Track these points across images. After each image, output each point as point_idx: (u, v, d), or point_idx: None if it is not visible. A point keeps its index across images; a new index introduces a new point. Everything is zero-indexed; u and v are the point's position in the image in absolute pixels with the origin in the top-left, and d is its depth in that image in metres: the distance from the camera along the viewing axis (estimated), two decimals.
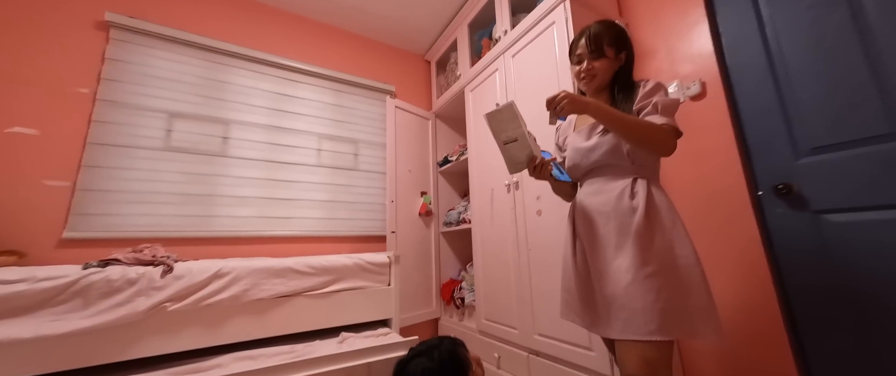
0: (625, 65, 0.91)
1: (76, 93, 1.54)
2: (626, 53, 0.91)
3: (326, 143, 2.14)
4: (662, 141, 0.78)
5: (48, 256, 1.38)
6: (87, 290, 0.83)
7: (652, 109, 0.81)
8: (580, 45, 0.91)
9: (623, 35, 0.91)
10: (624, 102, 0.87)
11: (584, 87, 0.93)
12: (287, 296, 1.11)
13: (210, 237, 1.71)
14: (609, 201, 0.83)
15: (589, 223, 0.87)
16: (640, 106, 0.83)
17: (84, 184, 1.49)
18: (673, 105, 0.81)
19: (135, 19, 1.69)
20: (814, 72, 1.02)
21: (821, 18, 1.01)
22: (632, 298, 0.73)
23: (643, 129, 0.77)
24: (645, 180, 0.83)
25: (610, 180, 0.86)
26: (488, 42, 2.02)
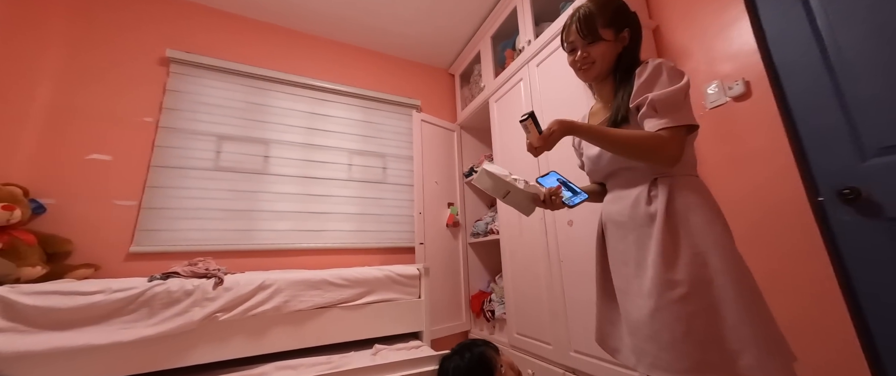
0: (629, 45, 0.78)
1: (142, 122, 1.74)
2: (629, 31, 0.77)
3: (356, 158, 2.23)
4: (659, 153, 0.65)
5: (118, 268, 1.54)
6: (152, 301, 0.92)
7: (648, 109, 0.67)
8: (571, 31, 0.79)
9: (622, 10, 0.78)
10: (625, 93, 0.74)
11: (582, 77, 0.82)
12: (323, 308, 1.15)
13: (253, 250, 1.82)
14: (624, 210, 0.72)
15: (610, 236, 0.77)
16: (637, 103, 0.70)
17: (147, 202, 1.66)
18: (674, 98, 0.66)
19: (190, 54, 1.89)
20: (877, 63, 0.92)
21: (881, 6, 0.91)
22: (659, 329, 0.60)
23: (636, 145, 0.66)
24: (668, 179, 0.69)
25: (626, 185, 0.75)
26: (512, 53, 2.03)
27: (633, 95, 0.71)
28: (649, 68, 0.70)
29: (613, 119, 0.75)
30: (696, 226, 0.64)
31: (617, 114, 0.74)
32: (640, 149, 0.66)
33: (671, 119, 0.65)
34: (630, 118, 0.72)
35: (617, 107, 0.75)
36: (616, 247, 0.74)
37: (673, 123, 0.64)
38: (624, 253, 0.71)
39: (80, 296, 0.87)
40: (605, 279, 0.80)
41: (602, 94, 0.84)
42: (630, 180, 0.74)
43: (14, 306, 0.80)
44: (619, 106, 0.74)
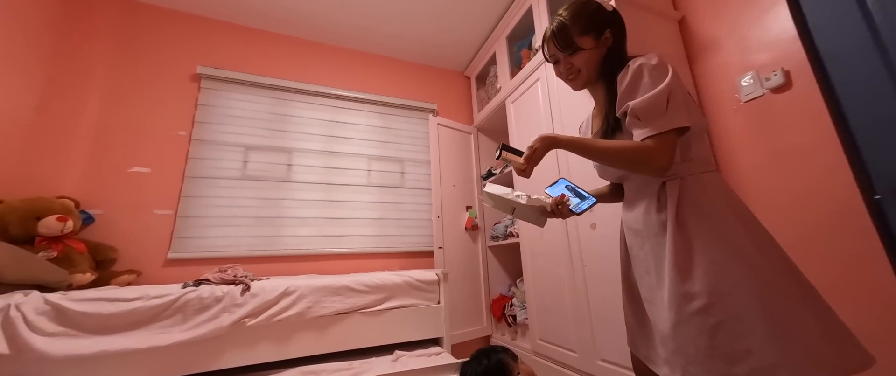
0: (613, 46, 0.74)
1: (177, 135, 1.85)
2: (611, 31, 0.74)
3: (375, 164, 2.27)
4: (647, 163, 0.62)
5: (157, 274, 1.64)
6: (186, 307, 0.98)
7: (632, 119, 0.64)
8: (550, 45, 0.77)
9: (597, 14, 0.74)
10: (613, 97, 0.71)
11: (572, 87, 0.80)
12: (345, 313, 1.17)
13: (278, 255, 1.89)
14: (638, 217, 0.70)
15: (630, 244, 0.74)
16: (622, 112, 0.67)
17: (182, 211, 1.76)
18: (656, 102, 0.62)
19: (219, 69, 1.99)
20: None
21: None
22: (683, 343, 0.57)
23: (622, 158, 0.64)
24: (676, 181, 0.65)
25: (637, 190, 0.72)
26: (528, 52, 2.00)
27: (618, 103, 0.68)
28: (629, 72, 0.67)
29: (605, 129, 0.73)
30: (710, 232, 0.60)
31: (606, 126, 0.73)
32: (626, 162, 0.64)
33: (654, 126, 0.61)
34: (622, 126, 0.69)
35: (605, 116, 0.73)
36: (637, 256, 0.71)
37: (657, 130, 0.61)
38: (644, 261, 0.69)
39: (122, 303, 0.93)
40: (630, 285, 0.77)
41: (597, 99, 0.82)
42: (640, 184, 0.71)
43: (65, 312, 0.87)
44: (607, 114, 0.72)
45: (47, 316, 0.86)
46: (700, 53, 1.42)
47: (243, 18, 2.12)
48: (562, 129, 1.57)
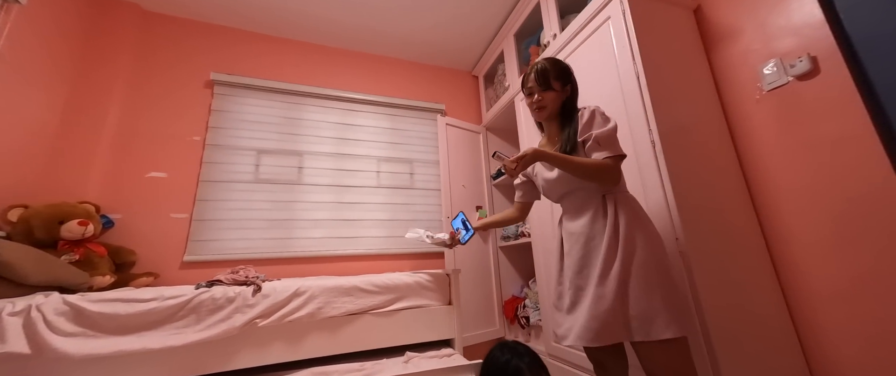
0: (570, 96, 1.02)
1: (191, 140, 1.89)
2: (570, 86, 1.02)
3: (384, 165, 2.27)
4: (607, 176, 0.88)
5: (174, 276, 1.67)
6: (199, 307, 0.98)
7: (593, 144, 0.89)
8: (530, 79, 1.01)
9: (567, 70, 1.03)
10: (568, 128, 0.97)
11: (536, 116, 1.05)
12: (356, 314, 1.17)
13: (291, 257, 1.91)
14: (584, 224, 0.93)
15: (573, 245, 0.95)
16: (583, 139, 0.92)
17: (198, 215, 1.80)
18: (610, 135, 0.89)
19: (232, 75, 2.03)
20: None
21: None
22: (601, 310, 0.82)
23: (589, 170, 0.88)
24: (613, 196, 0.91)
25: (581, 204, 0.96)
26: (537, 49, 1.97)
27: (580, 132, 0.93)
28: (588, 112, 0.94)
29: (563, 149, 0.96)
30: (643, 230, 0.88)
31: (566, 145, 0.95)
32: (593, 173, 0.88)
33: (611, 150, 0.88)
34: (577, 150, 0.93)
35: (566, 140, 0.95)
36: (578, 254, 0.93)
37: (614, 153, 0.88)
38: (585, 257, 0.91)
39: (138, 303, 0.95)
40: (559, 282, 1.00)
41: (549, 131, 1.07)
42: (583, 199, 0.95)
43: (83, 312, 0.89)
44: (568, 139, 0.95)
45: (66, 316, 0.87)
46: (718, 42, 1.36)
47: (254, 25, 2.16)
48: None
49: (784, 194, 1.14)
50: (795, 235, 1.11)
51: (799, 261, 1.10)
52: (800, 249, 1.10)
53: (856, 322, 0.97)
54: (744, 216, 1.20)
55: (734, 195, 1.22)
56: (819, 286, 1.05)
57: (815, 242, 1.06)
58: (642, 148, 1.18)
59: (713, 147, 1.26)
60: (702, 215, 1.12)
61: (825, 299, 1.04)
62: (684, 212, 1.07)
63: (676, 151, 1.14)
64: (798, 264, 1.10)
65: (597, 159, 0.87)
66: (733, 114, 1.30)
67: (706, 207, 1.14)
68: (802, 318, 1.09)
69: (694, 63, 1.37)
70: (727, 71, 1.32)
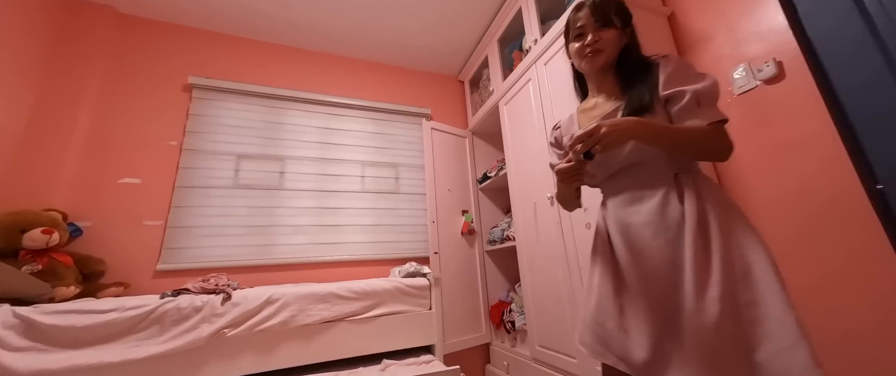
0: (632, 40, 0.79)
1: (167, 145, 1.84)
2: (631, 30, 0.79)
3: (369, 170, 2.25)
4: (723, 148, 0.66)
5: (146, 286, 1.61)
6: (163, 318, 0.94)
7: (691, 101, 0.65)
8: (580, 17, 0.78)
9: (625, 7, 0.80)
10: (638, 81, 0.73)
11: (587, 65, 0.79)
12: (331, 322, 1.13)
13: (271, 264, 1.86)
14: (653, 211, 0.66)
15: (633, 243, 0.69)
16: (672, 93, 0.67)
17: (173, 222, 1.74)
18: (715, 92, 0.67)
19: (211, 79, 2.00)
20: None
21: None
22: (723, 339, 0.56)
23: (704, 143, 0.64)
24: (689, 174, 0.67)
25: (644, 184, 0.70)
26: (519, 54, 1.99)
27: (665, 84, 0.69)
28: (675, 61, 0.71)
29: (632, 109, 0.71)
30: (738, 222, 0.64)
31: (637, 104, 0.70)
32: (709, 148, 0.65)
33: (717, 113, 0.65)
34: (655, 108, 0.69)
35: (637, 97, 0.71)
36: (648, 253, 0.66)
37: (721, 117, 0.65)
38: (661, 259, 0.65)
39: (96, 315, 0.90)
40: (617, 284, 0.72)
41: (602, 86, 0.82)
42: (648, 177, 0.70)
43: (35, 325, 0.84)
44: (641, 95, 0.71)
45: (16, 330, 0.83)
46: (691, 47, 1.40)
47: (236, 28, 2.13)
48: None
49: (757, 194, 1.16)
50: (769, 234, 1.13)
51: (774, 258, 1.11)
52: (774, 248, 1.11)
53: (829, 317, 0.98)
54: None
55: None
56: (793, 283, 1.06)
57: (788, 240, 1.08)
58: None
59: None
60: None
61: (800, 295, 1.06)
62: None
63: None
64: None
65: (705, 126, 0.64)
66: None
67: None
68: None
69: None
70: None
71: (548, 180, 1.56)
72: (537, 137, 1.66)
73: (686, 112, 0.66)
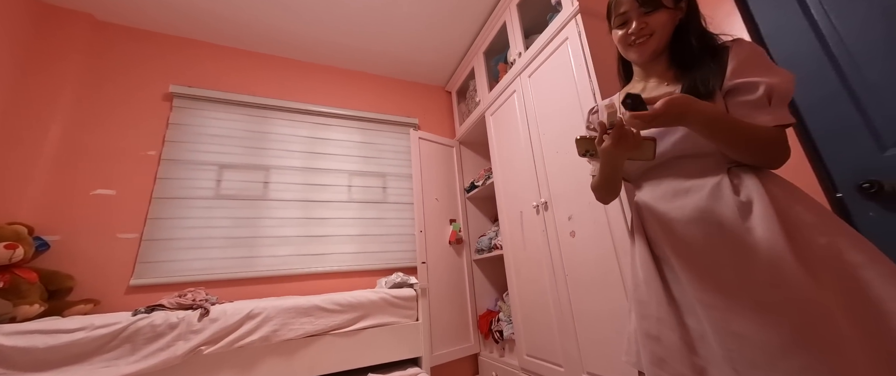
0: (689, 15, 0.66)
1: (145, 155, 1.79)
2: (687, 3, 0.66)
3: (356, 179, 2.23)
4: (781, 156, 0.57)
5: (118, 302, 1.53)
6: (135, 336, 0.90)
7: (763, 96, 0.55)
8: (625, 2, 0.67)
9: None
10: (702, 65, 0.62)
11: (635, 54, 0.70)
12: (315, 336, 1.11)
13: (253, 277, 1.80)
14: (701, 205, 0.57)
15: (681, 243, 0.60)
16: (741, 84, 0.57)
17: (148, 234, 1.68)
18: (791, 88, 0.56)
19: (193, 88, 1.96)
20: (887, 51, 0.87)
21: None
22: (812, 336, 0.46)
23: (764, 146, 0.55)
24: (747, 167, 0.58)
25: (690, 174, 0.60)
26: (505, 66, 2.04)
27: (735, 71, 0.58)
28: (748, 46, 0.60)
29: (704, 86, 0.60)
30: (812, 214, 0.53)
31: (700, 89, 0.60)
32: (764, 150, 0.56)
33: (787, 115, 0.56)
34: (715, 97, 0.59)
35: (701, 80, 0.60)
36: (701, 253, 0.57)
37: (789, 121, 0.56)
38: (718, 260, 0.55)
39: (61, 335, 0.85)
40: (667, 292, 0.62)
41: (652, 71, 0.71)
42: (699, 168, 0.60)
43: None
44: (704, 78, 0.60)
45: None
46: None
47: (221, 38, 2.11)
48: (538, 139, 1.58)
49: None
50: None
51: None
52: None
53: None
54: None
55: None
56: None
57: None
58: None
59: None
60: None
61: None
62: None
63: None
64: None
65: (765, 127, 0.55)
66: None
67: None
68: None
69: None
70: None
71: (534, 189, 1.59)
72: (523, 147, 1.69)
73: (754, 107, 0.56)
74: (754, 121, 0.55)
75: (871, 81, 0.89)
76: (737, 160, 0.59)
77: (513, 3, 1.85)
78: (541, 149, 1.56)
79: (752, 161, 0.58)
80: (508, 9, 1.89)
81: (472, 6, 2.01)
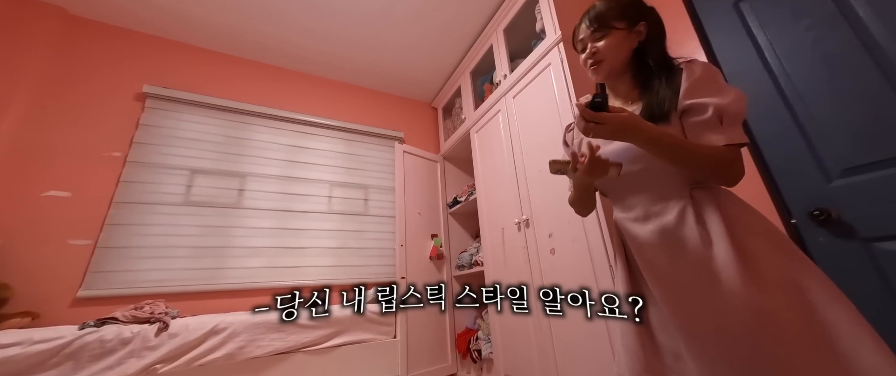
0: (649, 37, 0.69)
1: (109, 156, 1.67)
2: (646, 25, 0.70)
3: (337, 190, 2.19)
4: (733, 173, 0.58)
5: (61, 316, 1.38)
6: (80, 352, 0.81)
7: (714, 117, 0.57)
8: (581, 30, 0.74)
9: (634, 4, 0.71)
10: (657, 85, 0.65)
11: (593, 76, 0.74)
12: (285, 353, 1.04)
13: (220, 290, 1.69)
14: (667, 230, 0.60)
15: (651, 264, 0.63)
16: (691, 105, 0.60)
17: (104, 241, 1.55)
18: (743, 108, 0.58)
19: (169, 89, 1.88)
20: (828, 91, 0.97)
21: (823, 38, 0.99)
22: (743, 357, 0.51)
23: (714, 166, 0.57)
24: (706, 189, 0.61)
25: (657, 196, 0.64)
26: (490, 86, 2.11)
27: (687, 92, 0.61)
28: (701, 67, 0.63)
29: (658, 108, 0.63)
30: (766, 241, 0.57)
31: (655, 111, 0.63)
32: (711, 166, 0.58)
33: (739, 135, 0.57)
34: (671, 119, 0.62)
35: (657, 103, 0.63)
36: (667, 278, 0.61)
37: (741, 140, 0.57)
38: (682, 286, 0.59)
39: None
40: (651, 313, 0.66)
41: (618, 90, 0.75)
42: (661, 191, 0.63)
43: None
44: (661, 101, 0.63)
45: None
46: None
47: (201, 41, 2.06)
48: (521, 157, 1.62)
49: None
50: None
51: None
52: None
53: None
54: None
55: None
56: None
57: None
58: None
59: None
60: None
61: None
62: None
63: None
64: None
65: (717, 146, 0.57)
66: None
67: None
68: None
69: None
70: None
71: (516, 206, 1.61)
72: (506, 164, 1.73)
73: (705, 127, 0.58)
74: (708, 142, 0.58)
75: (817, 118, 0.99)
76: (696, 178, 0.62)
77: (500, 27, 1.94)
78: (523, 168, 1.60)
79: (708, 179, 0.61)
80: (495, 33, 1.98)
81: (461, 28, 2.09)
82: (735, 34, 1.19)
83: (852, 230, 0.89)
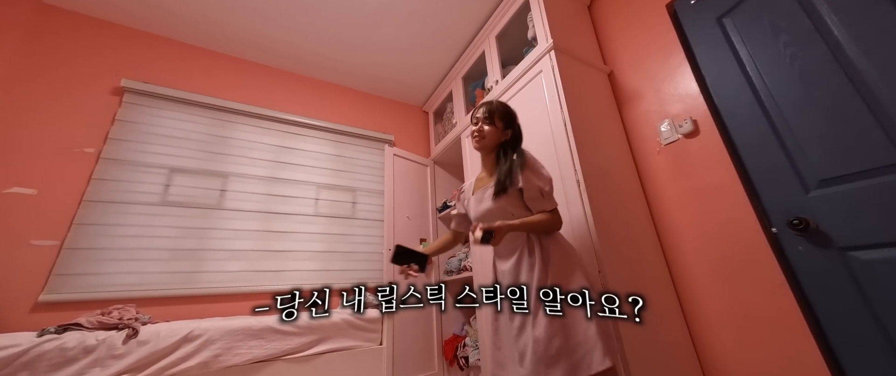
0: (509, 140, 1.08)
1: (81, 152, 1.59)
2: (512, 131, 1.08)
3: (324, 193, 2.14)
4: (557, 225, 1.00)
5: (19, 322, 1.28)
6: (37, 362, 0.74)
7: (538, 193, 0.97)
8: (479, 111, 1.09)
9: (512, 115, 1.11)
10: (504, 167, 1.02)
11: (474, 144, 1.09)
12: (265, 361, 0.99)
13: (197, 294, 1.61)
14: (515, 261, 0.97)
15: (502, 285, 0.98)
16: (524, 186, 0.97)
17: (72, 242, 1.45)
18: (551, 186, 0.98)
19: (148, 84, 1.81)
20: (804, 105, 1.01)
21: (800, 54, 1.03)
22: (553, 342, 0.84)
23: (544, 226, 0.96)
24: (538, 236, 0.98)
25: (512, 248, 1.00)
26: (481, 92, 2.12)
27: (526, 178, 0.97)
28: (530, 160, 1.01)
29: (499, 187, 1.00)
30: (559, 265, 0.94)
31: (503, 184, 0.99)
32: (549, 227, 0.98)
33: (553, 202, 0.99)
34: (509, 190, 0.98)
35: (503, 179, 0.99)
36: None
37: (554, 206, 0.99)
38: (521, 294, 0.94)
39: None
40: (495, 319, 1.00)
41: (486, 163, 1.12)
42: (514, 242, 1.00)
43: None
44: (505, 178, 0.99)
45: None
46: (627, 102, 1.60)
47: (190, 37, 2.00)
48: None
49: (682, 234, 1.31)
50: (693, 271, 1.27)
51: (697, 294, 1.24)
52: (697, 284, 1.25)
53: (743, 347, 1.10)
54: (654, 253, 1.34)
55: (646, 234, 1.37)
56: (713, 316, 1.19)
57: (708, 277, 1.22)
58: (569, 186, 1.28)
59: (627, 191, 1.42)
60: (621, 251, 1.22)
61: (718, 328, 1.17)
62: (606, 249, 1.16)
63: (598, 192, 1.26)
64: (697, 297, 1.24)
65: (547, 215, 0.97)
66: (641, 164, 1.50)
67: (624, 245, 1.25)
68: (703, 344, 1.21)
69: (610, 118, 1.58)
70: (635, 126, 1.55)
71: None
72: None
73: (534, 200, 0.97)
74: (537, 208, 0.97)
75: (795, 131, 1.02)
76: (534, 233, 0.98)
77: (492, 34, 1.96)
78: None
79: (543, 233, 0.98)
80: (488, 39, 1.99)
81: (454, 33, 2.10)
82: (718, 47, 1.23)
83: (829, 239, 0.93)
